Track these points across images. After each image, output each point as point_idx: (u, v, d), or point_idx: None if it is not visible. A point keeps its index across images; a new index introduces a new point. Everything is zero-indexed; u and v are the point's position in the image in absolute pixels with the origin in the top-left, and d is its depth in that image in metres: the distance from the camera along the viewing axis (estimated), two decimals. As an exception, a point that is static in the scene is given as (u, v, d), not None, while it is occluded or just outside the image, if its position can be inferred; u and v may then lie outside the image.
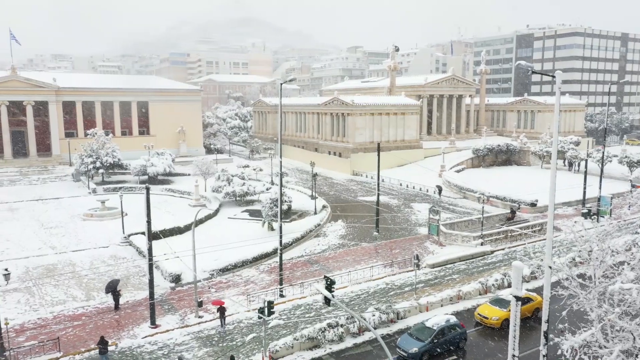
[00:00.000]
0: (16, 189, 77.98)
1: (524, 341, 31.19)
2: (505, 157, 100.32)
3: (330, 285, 21.18)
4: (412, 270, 41.46)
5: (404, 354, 29.47)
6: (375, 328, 32.31)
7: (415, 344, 29.78)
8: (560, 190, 61.38)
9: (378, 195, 56.93)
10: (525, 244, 52.23)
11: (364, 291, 40.38)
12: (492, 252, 49.96)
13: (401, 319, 34.72)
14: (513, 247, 51.62)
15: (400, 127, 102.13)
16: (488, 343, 32.23)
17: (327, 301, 20.49)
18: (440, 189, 75.66)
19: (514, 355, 18.78)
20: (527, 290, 37.06)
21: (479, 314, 34.36)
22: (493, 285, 39.72)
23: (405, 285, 41.49)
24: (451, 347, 30.84)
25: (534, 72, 20.24)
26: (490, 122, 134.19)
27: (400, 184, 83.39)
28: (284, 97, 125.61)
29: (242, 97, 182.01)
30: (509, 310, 31.42)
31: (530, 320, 34.23)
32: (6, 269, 30.38)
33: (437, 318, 31.62)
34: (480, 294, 38.75)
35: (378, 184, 57.40)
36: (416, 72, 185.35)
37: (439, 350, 30.14)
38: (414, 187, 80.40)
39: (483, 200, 54.16)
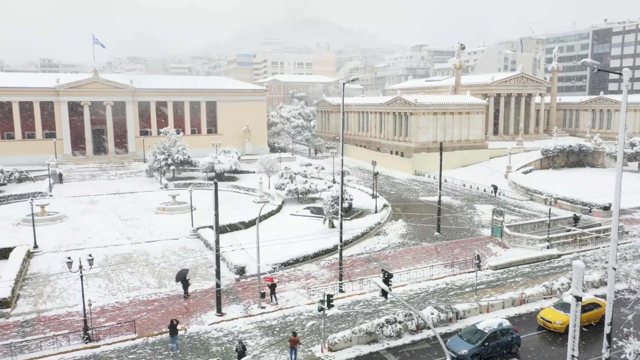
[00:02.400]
0: (96, 183, 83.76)
1: (588, 348, 30.35)
2: (577, 159, 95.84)
3: (387, 278, 21.69)
4: (473, 271, 40.97)
5: (453, 355, 28.99)
6: (434, 327, 32.36)
7: (465, 345, 29.34)
8: (636, 194, 58.42)
9: (440, 195, 56.46)
10: (595, 248, 49.97)
11: (423, 290, 40.42)
12: (559, 255, 48.26)
13: (460, 318, 34.53)
14: (582, 251, 49.59)
15: (464, 127, 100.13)
16: (549, 348, 31.42)
17: (384, 294, 21.04)
18: (495, 188, 74.16)
19: (573, 356, 18.51)
20: (596, 296, 35.76)
21: (542, 317, 33.53)
22: (559, 289, 38.48)
23: (466, 285, 41.09)
24: (503, 352, 29.99)
25: (599, 70, 19.76)
26: (561, 121, 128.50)
27: (464, 185, 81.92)
28: (347, 97, 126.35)
29: (306, 96, 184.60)
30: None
31: (596, 328, 32.97)
32: (90, 255, 33.17)
33: (490, 321, 30.98)
34: (544, 298, 37.68)
35: (440, 184, 56.90)
36: (483, 70, 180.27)
37: (489, 353, 29.49)
38: (477, 188, 78.75)
39: (550, 202, 52.41)
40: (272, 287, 37.46)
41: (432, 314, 33.40)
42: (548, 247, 49.05)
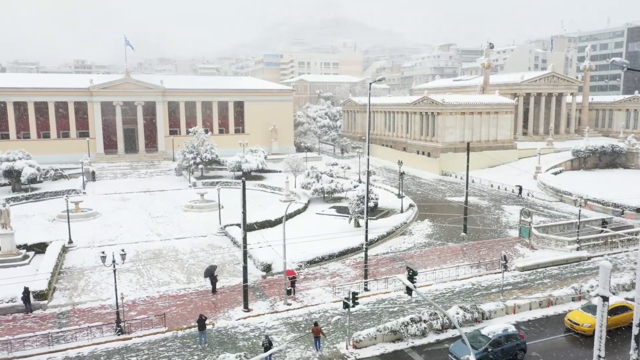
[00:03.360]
0: (127, 181, 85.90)
1: (616, 351, 29.96)
2: (609, 160, 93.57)
3: (412, 276, 21.89)
4: (499, 272, 40.67)
5: None
6: (459, 326, 32.33)
7: (468, 351, 28.41)
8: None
9: (467, 195, 56.09)
10: (626, 250, 48.94)
11: (449, 290, 40.33)
12: (589, 258, 47.39)
13: (486, 319, 34.38)
14: (613, 253, 48.59)
15: (493, 127, 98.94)
16: (576, 350, 31.04)
17: (408, 291, 21.24)
18: (520, 189, 73.53)
19: (599, 356, 18.38)
20: (626, 299, 35.11)
21: (569, 319, 33.12)
22: (588, 291, 37.88)
23: (492, 286, 40.82)
24: (508, 358, 29.29)
25: (629, 69, 19.54)
26: (593, 122, 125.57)
27: (491, 185, 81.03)
28: (373, 97, 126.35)
29: (332, 96, 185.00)
30: (604, 318, 30.10)
31: (626, 332, 32.36)
32: (122, 250, 34.36)
33: (495, 326, 30.29)
34: (573, 300, 37.19)
35: (467, 184, 56.51)
36: (513, 69, 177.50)
37: (492, 359, 28.93)
38: (505, 189, 77.80)
39: (580, 203, 51.52)
40: (293, 281, 38.28)
41: (458, 313, 33.36)
42: (577, 249, 48.25)
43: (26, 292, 35.73)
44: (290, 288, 38.28)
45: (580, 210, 51.83)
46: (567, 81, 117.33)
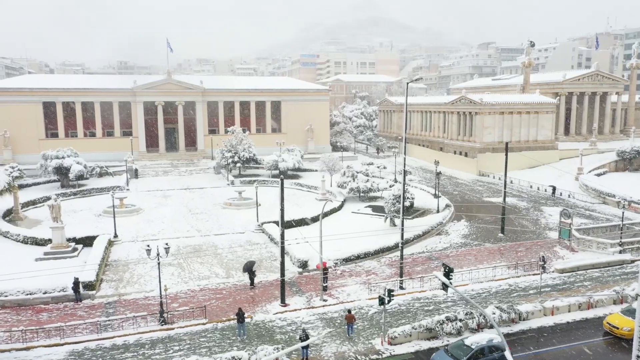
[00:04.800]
0: (168, 178, 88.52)
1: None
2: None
3: (448, 272, 22.13)
4: (537, 274, 40.16)
5: None
6: (497, 325, 32.23)
7: None
8: None
9: (505, 195, 55.45)
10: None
11: (485, 290, 40.12)
12: (633, 261, 46.12)
13: (523, 320, 34.09)
14: (658, 257, 47.12)
15: (533, 127, 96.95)
16: (615, 354, 30.42)
17: (444, 287, 21.50)
18: (554, 189, 72.90)
19: (637, 356, 18.22)
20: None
21: (608, 323, 32.48)
22: (630, 295, 36.98)
23: (530, 288, 40.34)
24: None
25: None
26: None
27: (531, 186, 79.56)
28: (410, 96, 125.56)
29: (368, 96, 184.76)
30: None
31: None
32: (166, 244, 35.84)
33: (479, 337, 29.22)
34: (614, 303, 36.42)
35: (505, 184, 55.85)
36: (555, 68, 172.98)
37: None
38: (545, 190, 76.23)
39: (623, 205, 50.15)
40: (325, 271, 39.29)
41: (494, 313, 33.22)
42: (620, 252, 47.03)
43: (76, 282, 37.65)
44: (326, 285, 38.95)
45: (623, 212, 50.44)
46: (613, 80, 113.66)
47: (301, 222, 56.20)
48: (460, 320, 32.58)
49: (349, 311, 33.24)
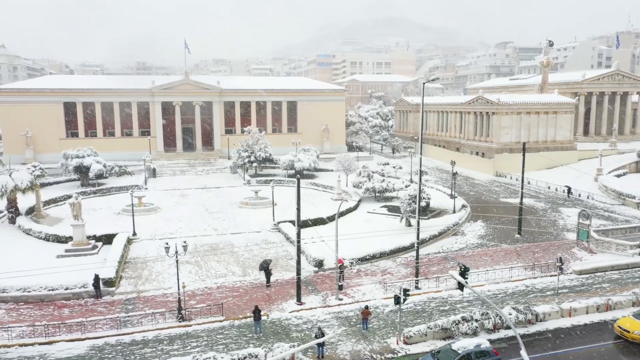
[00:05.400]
0: (185, 178, 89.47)
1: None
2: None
3: (464, 272, 22.16)
4: (555, 275, 39.86)
5: None
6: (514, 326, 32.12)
7: None
8: None
9: (522, 195, 55.04)
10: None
11: (502, 291, 39.95)
12: (653, 263, 45.49)
13: (540, 321, 33.90)
14: (680, 260, 46.37)
15: (551, 127, 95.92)
16: (625, 359, 30.05)
17: (460, 286, 21.56)
18: (569, 189, 72.32)
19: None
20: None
21: (619, 326, 31.94)
22: (650, 297, 36.54)
23: (547, 289, 40.06)
24: None
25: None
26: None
27: (549, 187, 78.77)
28: (426, 96, 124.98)
29: (384, 96, 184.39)
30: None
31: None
32: (184, 242, 36.43)
33: (467, 341, 28.68)
34: (633, 305, 35.99)
35: (522, 185, 55.44)
36: (574, 67, 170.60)
37: None
38: (563, 191, 75.38)
39: (644, 206, 49.39)
40: (341, 267, 39.95)
41: (510, 314, 33.09)
42: (640, 254, 46.41)
43: (96, 279, 38.42)
44: (341, 284, 39.16)
45: (644, 214, 49.76)
46: (634, 79, 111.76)
47: (317, 222, 56.45)
48: (476, 320, 32.53)
49: (366, 307, 33.92)
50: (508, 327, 32.68)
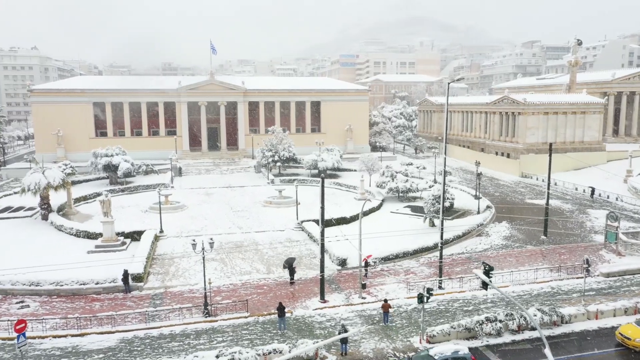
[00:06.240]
0: (210, 177, 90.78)
1: None
2: None
3: (488, 271, 22.19)
4: (581, 277, 39.35)
5: None
6: (539, 327, 31.91)
7: None
8: None
9: (548, 196, 54.34)
10: None
11: (526, 292, 39.62)
12: (684, 267, 44.44)
13: (566, 323, 33.54)
14: None
15: (579, 128, 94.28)
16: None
17: (484, 285, 21.61)
18: (593, 190, 71.74)
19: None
20: None
21: (620, 333, 31.00)
22: (679, 301, 35.78)
23: (573, 291, 39.60)
24: None
25: None
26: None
27: (576, 189, 77.47)
28: (451, 96, 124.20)
29: (408, 96, 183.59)
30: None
31: None
32: (211, 239, 37.23)
33: (444, 347, 28.32)
34: (662, 309, 35.31)
35: (548, 185, 54.72)
36: (603, 67, 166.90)
37: None
38: (584, 191, 74.01)
39: (675, 208, 48.29)
40: (367, 264, 40.88)
41: (535, 315, 32.85)
42: (671, 257, 45.40)
43: (126, 274, 39.50)
44: (365, 282, 39.40)
45: (675, 216, 48.66)
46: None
47: (340, 221, 56.75)
48: (500, 321, 32.39)
49: (385, 300, 34.80)
50: (533, 329, 32.46)
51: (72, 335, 32.63)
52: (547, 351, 18.87)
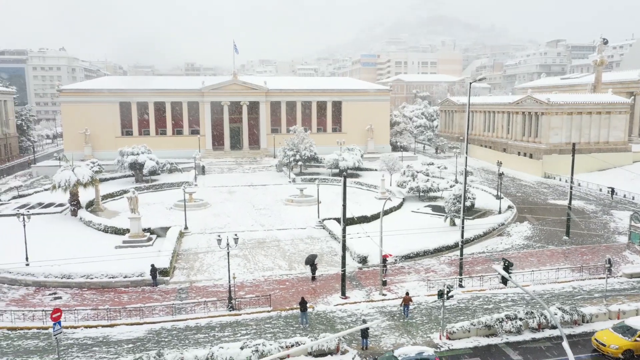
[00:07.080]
0: (233, 175, 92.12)
1: None
2: None
3: (507, 266, 22.55)
4: (603, 277, 39.22)
5: None
6: (560, 325, 32.05)
7: None
8: None
9: (570, 196, 54.07)
10: None
11: (547, 292, 39.66)
12: None
13: (586, 322, 33.60)
14: None
15: (604, 128, 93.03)
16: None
17: (504, 281, 21.95)
18: (612, 190, 71.33)
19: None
20: None
21: (596, 339, 30.48)
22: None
23: (595, 291, 39.50)
24: None
25: None
26: None
27: (600, 189, 76.55)
28: (473, 96, 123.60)
29: (429, 96, 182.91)
30: (634, 341, 28.88)
31: None
32: (235, 235, 38.22)
33: (409, 349, 28.35)
34: (687, 310, 35.03)
35: (571, 186, 54.45)
36: (630, 66, 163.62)
37: None
38: (616, 194, 73.11)
39: (702, 210, 47.65)
40: (384, 260, 41.31)
41: (556, 314, 32.98)
42: (696, 259, 44.84)
43: (153, 268, 40.78)
44: (385, 279, 39.94)
45: (701, 218, 47.99)
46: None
47: (362, 220, 57.32)
48: (520, 319, 32.62)
49: (407, 293, 35.65)
50: (553, 327, 32.62)
51: (103, 326, 33.94)
52: (565, 344, 19.18)
